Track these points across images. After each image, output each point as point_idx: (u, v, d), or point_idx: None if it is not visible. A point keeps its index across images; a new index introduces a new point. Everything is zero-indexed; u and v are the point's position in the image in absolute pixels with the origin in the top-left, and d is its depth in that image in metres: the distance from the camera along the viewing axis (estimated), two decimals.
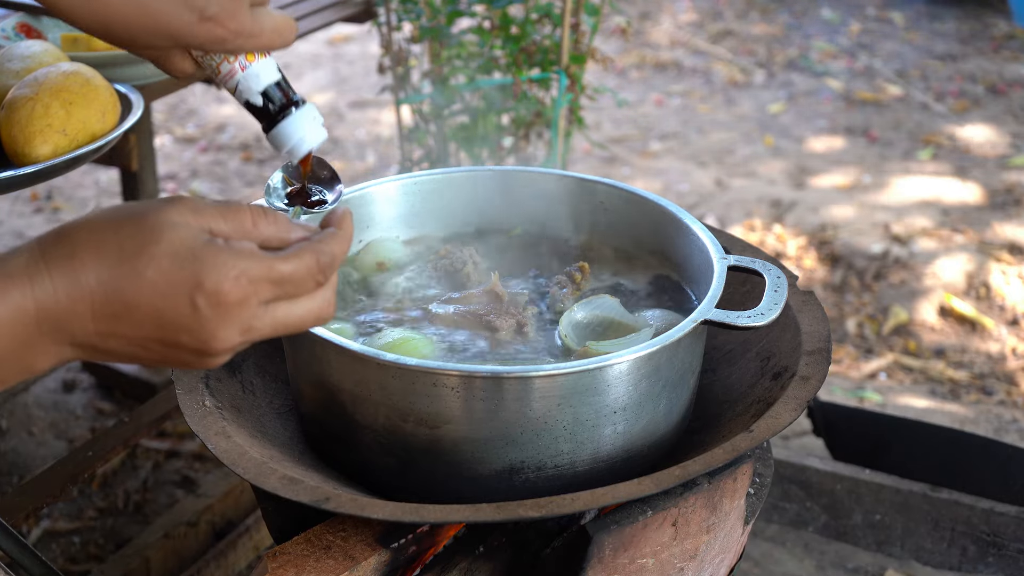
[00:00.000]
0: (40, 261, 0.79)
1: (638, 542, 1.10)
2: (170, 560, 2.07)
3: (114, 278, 0.79)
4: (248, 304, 0.82)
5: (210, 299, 0.80)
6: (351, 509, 1.03)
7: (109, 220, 0.82)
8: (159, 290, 0.80)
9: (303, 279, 0.85)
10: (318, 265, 0.85)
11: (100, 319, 0.80)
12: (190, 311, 0.80)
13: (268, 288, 0.83)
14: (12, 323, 0.78)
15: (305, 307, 0.86)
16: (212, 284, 0.80)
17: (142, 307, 0.80)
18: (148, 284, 0.80)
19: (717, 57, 5.24)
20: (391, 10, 2.36)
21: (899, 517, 2.10)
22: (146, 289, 0.80)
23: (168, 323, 0.81)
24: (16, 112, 1.44)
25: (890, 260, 3.29)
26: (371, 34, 2.54)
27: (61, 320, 0.79)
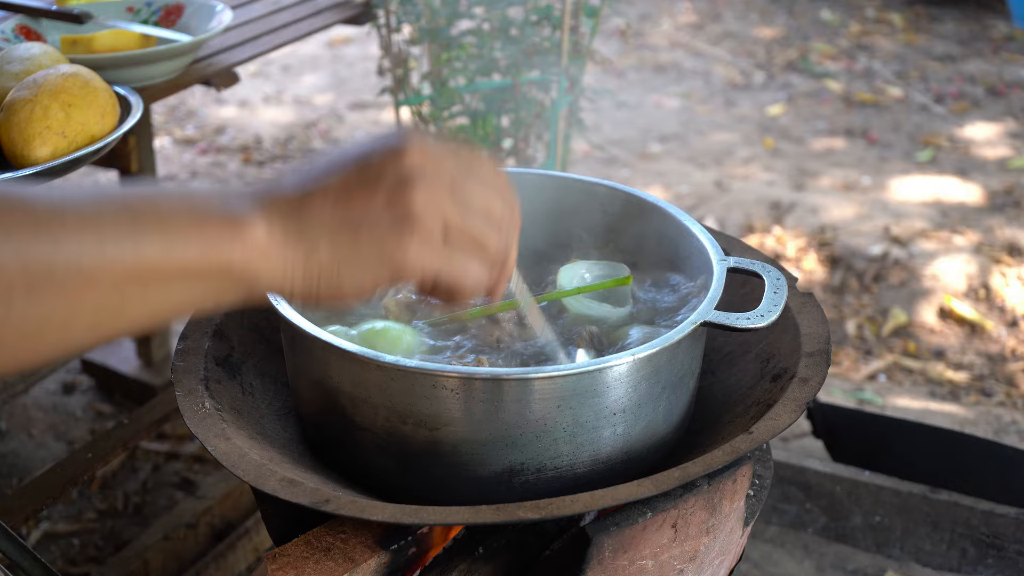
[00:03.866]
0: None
1: (638, 544, 1.10)
2: (170, 562, 2.07)
3: None
4: (445, 166, 0.84)
5: (407, 149, 0.83)
6: (351, 511, 1.03)
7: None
8: (368, 148, 0.84)
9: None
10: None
11: (303, 180, 0.83)
12: (380, 158, 0.83)
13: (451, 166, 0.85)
14: None
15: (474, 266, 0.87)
16: (413, 146, 0.83)
17: (345, 156, 0.83)
18: (356, 150, 0.84)
19: (716, 59, 5.24)
20: (390, 12, 2.36)
21: (899, 519, 2.10)
22: (350, 150, 0.84)
23: (376, 167, 0.82)
24: (15, 114, 1.44)
25: (890, 262, 3.29)
26: (370, 36, 2.54)
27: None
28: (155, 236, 0.74)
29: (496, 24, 2.33)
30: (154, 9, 2.05)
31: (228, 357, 1.31)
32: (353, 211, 0.81)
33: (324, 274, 0.81)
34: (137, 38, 1.89)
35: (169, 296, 0.75)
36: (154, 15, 2.05)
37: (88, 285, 0.70)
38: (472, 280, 0.87)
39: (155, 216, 0.74)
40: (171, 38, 1.87)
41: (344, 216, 0.81)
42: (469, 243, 0.85)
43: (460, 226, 0.84)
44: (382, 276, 0.83)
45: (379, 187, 0.81)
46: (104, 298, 0.72)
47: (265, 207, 0.79)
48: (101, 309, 0.72)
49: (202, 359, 1.27)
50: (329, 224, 0.81)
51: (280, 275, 0.80)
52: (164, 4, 2.05)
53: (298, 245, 0.80)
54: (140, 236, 0.73)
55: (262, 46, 2.15)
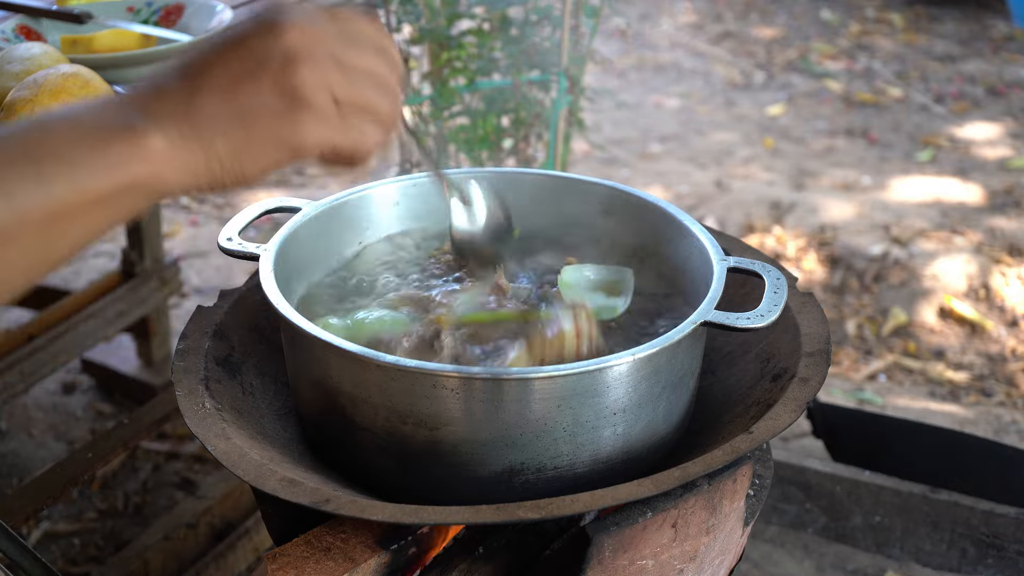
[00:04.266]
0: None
1: (638, 543, 1.10)
2: (170, 562, 2.07)
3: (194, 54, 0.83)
4: (325, 39, 0.83)
5: (288, 25, 0.82)
6: (351, 511, 1.03)
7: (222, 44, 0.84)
8: (241, 30, 0.83)
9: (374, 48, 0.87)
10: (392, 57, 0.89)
11: (182, 76, 0.82)
12: (257, 21, 0.83)
13: (339, 43, 0.85)
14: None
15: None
16: (288, 17, 0.83)
17: (224, 42, 0.83)
18: (229, 33, 0.83)
19: (716, 59, 5.24)
20: (391, 12, 2.36)
21: (899, 519, 2.10)
22: (227, 34, 0.83)
23: (255, 50, 0.82)
24: (15, 114, 1.44)
25: (890, 261, 3.29)
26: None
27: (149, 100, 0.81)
28: (59, 174, 0.75)
29: (496, 24, 2.33)
30: (154, 9, 2.05)
31: (228, 357, 1.31)
32: (241, 99, 0.82)
33: (225, 165, 0.83)
34: (137, 38, 1.88)
35: (87, 224, 0.78)
36: (154, 15, 2.04)
37: (9, 241, 0.73)
38: (369, 144, 0.88)
39: (54, 152, 0.76)
40: (171, 38, 1.87)
41: (234, 106, 0.82)
42: (360, 109, 0.86)
43: (349, 95, 0.85)
44: (282, 157, 0.84)
45: (263, 71, 0.82)
46: (28, 247, 0.74)
47: (154, 112, 0.80)
48: (27, 257, 0.75)
49: (202, 359, 1.27)
50: (220, 117, 0.81)
51: (184, 175, 0.81)
52: (164, 4, 2.05)
53: (195, 144, 0.81)
54: (45, 178, 0.74)
55: None
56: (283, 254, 1.28)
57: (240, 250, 1.30)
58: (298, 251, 1.34)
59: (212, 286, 3.23)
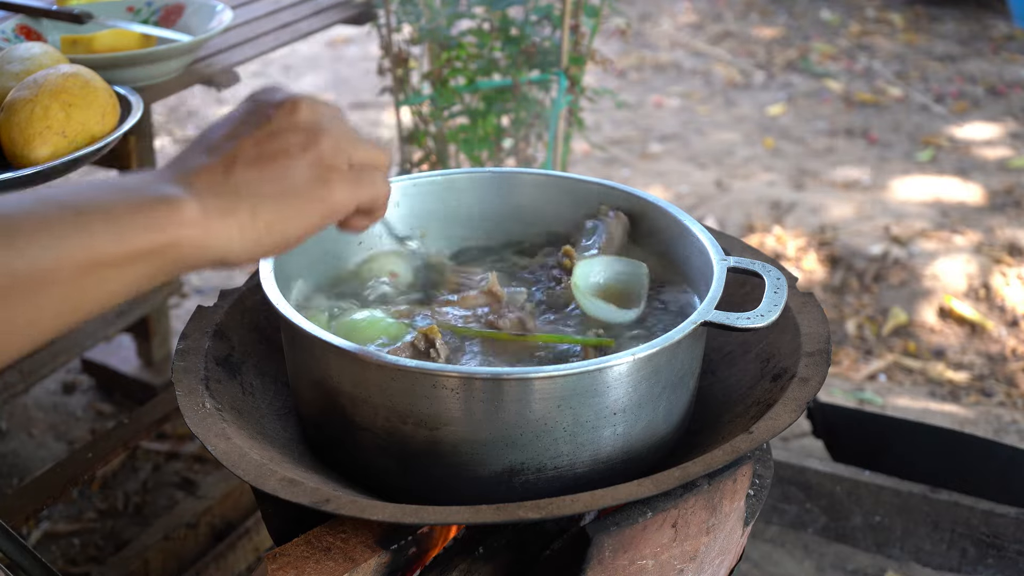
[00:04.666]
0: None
1: (638, 543, 1.10)
2: (170, 562, 2.07)
3: None
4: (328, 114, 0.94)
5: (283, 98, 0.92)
6: (351, 511, 1.03)
7: None
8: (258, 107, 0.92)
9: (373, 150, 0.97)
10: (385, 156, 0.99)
11: (212, 151, 0.88)
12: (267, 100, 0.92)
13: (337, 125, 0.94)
14: None
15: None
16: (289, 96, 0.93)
17: (245, 121, 0.90)
18: (248, 110, 0.92)
19: (717, 58, 5.24)
20: (391, 12, 2.36)
21: (899, 518, 2.10)
22: (245, 115, 0.91)
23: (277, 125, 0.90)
24: (15, 114, 1.44)
25: (890, 261, 3.29)
26: (371, 36, 2.54)
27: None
28: (101, 227, 0.78)
29: (496, 24, 2.33)
30: (154, 9, 2.05)
31: (228, 357, 1.31)
32: (275, 170, 0.88)
33: (267, 234, 0.88)
34: (137, 38, 1.89)
35: (123, 278, 0.81)
36: (154, 15, 2.05)
37: (48, 284, 0.76)
38: (383, 192, 0.99)
39: (96, 208, 0.79)
40: (171, 38, 1.87)
41: (269, 177, 0.88)
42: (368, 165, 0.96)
43: (357, 155, 0.95)
44: (318, 219, 0.91)
45: (291, 144, 0.90)
46: (65, 292, 0.77)
47: (192, 185, 0.85)
48: (63, 302, 0.78)
49: (202, 359, 1.27)
50: (257, 188, 0.87)
51: (224, 242, 0.85)
52: (164, 4, 2.05)
53: (233, 213, 0.86)
54: (88, 229, 0.78)
55: (263, 46, 2.15)
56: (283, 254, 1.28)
57: None
58: (298, 251, 1.33)
59: (212, 286, 3.24)
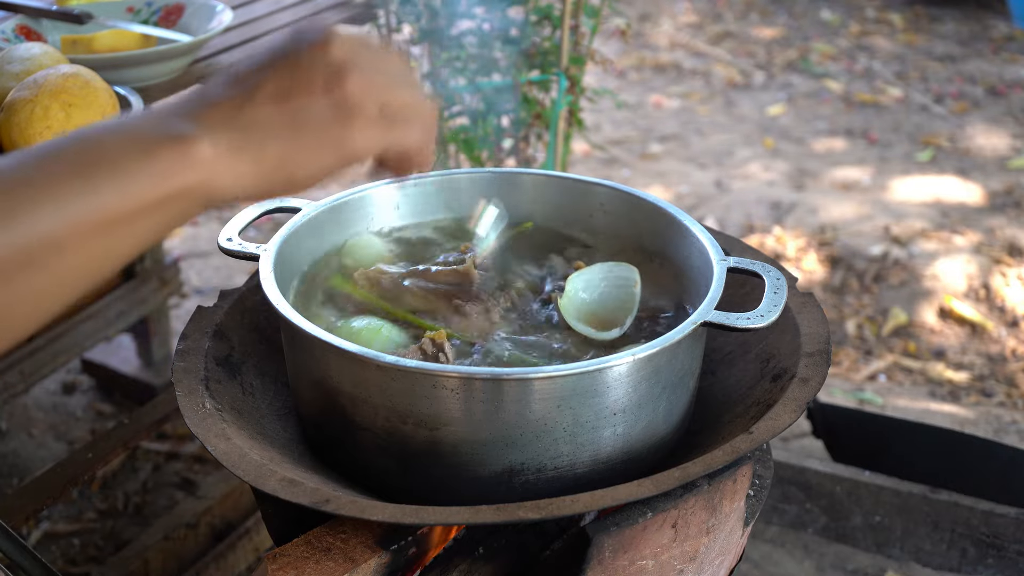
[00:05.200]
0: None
1: (638, 544, 1.10)
2: (170, 562, 2.07)
3: None
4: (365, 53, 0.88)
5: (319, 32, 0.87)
6: (351, 511, 1.03)
7: None
8: (288, 44, 0.87)
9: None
10: None
11: (231, 86, 0.84)
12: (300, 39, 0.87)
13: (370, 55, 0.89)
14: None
15: None
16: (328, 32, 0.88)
17: (272, 57, 0.86)
18: (276, 47, 0.87)
19: (717, 59, 5.24)
20: (391, 12, 2.36)
21: (899, 519, 2.10)
22: (274, 50, 0.87)
23: (303, 61, 0.86)
24: (16, 114, 1.44)
25: (890, 262, 3.29)
26: (371, 36, 2.53)
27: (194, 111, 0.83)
28: (109, 183, 0.77)
29: (496, 24, 2.33)
30: (154, 9, 2.05)
31: (228, 357, 1.31)
32: (293, 108, 0.85)
33: (276, 172, 0.85)
34: (137, 38, 1.89)
35: (138, 232, 0.79)
36: (154, 15, 2.04)
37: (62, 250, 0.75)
38: (415, 144, 0.93)
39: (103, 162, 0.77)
40: (171, 38, 1.87)
41: (285, 114, 0.84)
42: (405, 113, 0.91)
43: (394, 100, 0.89)
44: (333, 162, 0.87)
45: (313, 81, 0.85)
46: (80, 255, 0.76)
47: (203, 120, 0.82)
48: (79, 265, 0.77)
49: (202, 359, 1.27)
50: (271, 123, 0.84)
51: (234, 182, 0.83)
52: (164, 4, 2.05)
53: (244, 150, 0.83)
54: (95, 187, 0.76)
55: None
56: (283, 254, 1.29)
57: (240, 250, 1.30)
58: (298, 251, 1.34)
59: (212, 286, 3.24)
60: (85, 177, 0.76)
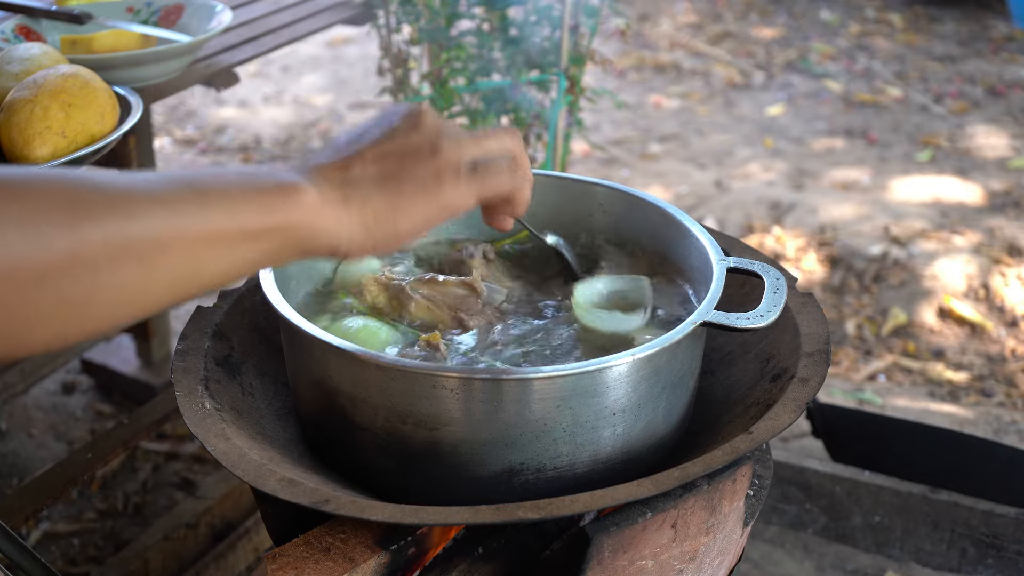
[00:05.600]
0: None
1: (637, 544, 1.10)
2: (169, 562, 2.07)
3: None
4: (458, 129, 0.99)
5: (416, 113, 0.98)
6: (351, 511, 1.03)
7: None
8: (389, 116, 0.98)
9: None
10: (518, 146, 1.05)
11: (341, 148, 0.94)
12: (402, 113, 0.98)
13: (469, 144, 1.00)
14: None
15: None
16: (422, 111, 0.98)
17: (374, 132, 0.96)
18: (379, 119, 0.98)
19: (716, 59, 5.24)
20: (390, 12, 2.36)
21: (898, 519, 2.10)
22: (377, 120, 0.98)
23: (403, 128, 0.96)
24: (15, 114, 1.44)
25: (889, 262, 3.29)
26: (370, 36, 2.54)
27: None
28: (218, 205, 0.83)
29: (496, 24, 2.33)
30: (154, 9, 2.05)
31: (228, 357, 1.31)
32: (394, 167, 0.93)
33: (378, 223, 0.92)
34: (137, 38, 1.89)
35: (235, 256, 0.84)
36: (154, 15, 2.05)
37: (162, 252, 0.79)
38: (508, 188, 1.03)
39: (216, 189, 0.84)
40: (171, 38, 1.87)
41: (388, 173, 0.93)
42: (495, 164, 1.01)
43: (482, 152, 1.00)
44: (433, 215, 0.95)
45: (412, 145, 0.95)
46: (177, 262, 0.80)
47: (311, 174, 0.90)
48: (175, 272, 0.81)
49: (202, 359, 1.27)
50: (374, 180, 0.92)
51: (335, 228, 0.89)
52: (164, 4, 2.05)
53: (349, 201, 0.91)
54: (205, 206, 0.82)
55: (262, 46, 2.15)
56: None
57: None
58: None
59: None
60: (199, 196, 0.82)
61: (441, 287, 1.32)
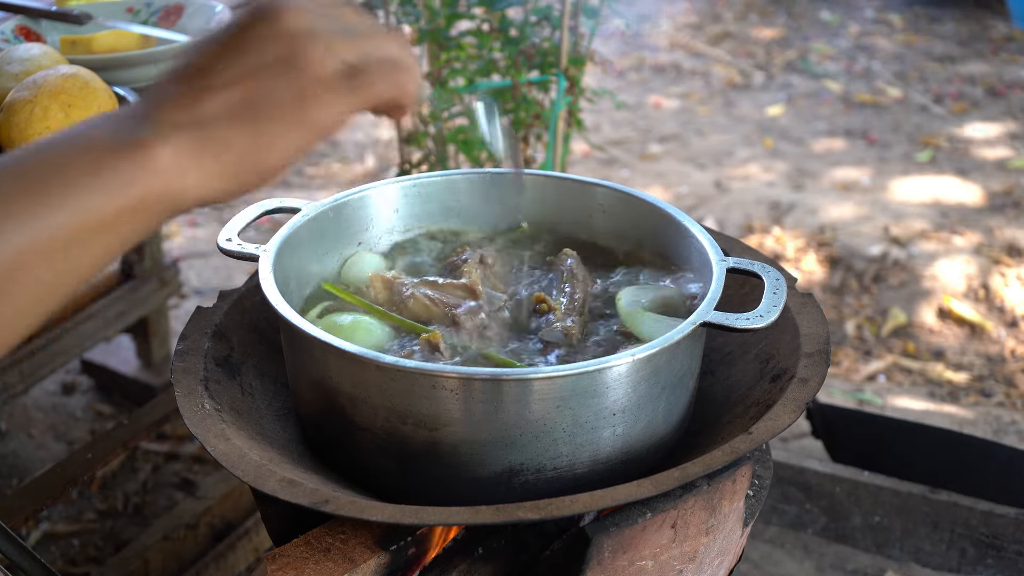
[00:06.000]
0: None
1: (637, 544, 1.10)
2: (169, 562, 2.07)
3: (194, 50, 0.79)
4: (322, 15, 0.82)
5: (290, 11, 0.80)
6: (350, 511, 1.03)
7: None
8: (237, 22, 0.80)
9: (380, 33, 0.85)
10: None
11: (184, 79, 0.78)
12: (274, 21, 0.80)
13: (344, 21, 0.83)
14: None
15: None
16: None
17: (222, 37, 0.79)
18: (225, 28, 0.80)
19: (716, 59, 5.24)
20: (390, 12, 2.36)
21: (898, 519, 2.10)
22: (224, 28, 0.80)
23: (254, 39, 0.79)
24: (15, 115, 1.44)
25: (889, 262, 3.29)
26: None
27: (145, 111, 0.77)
28: (65, 200, 0.72)
29: (495, 25, 2.33)
30: (154, 10, 2.05)
31: (228, 357, 1.31)
32: (250, 90, 0.78)
33: (242, 165, 0.79)
34: (137, 39, 1.89)
35: (99, 248, 0.75)
36: (154, 16, 2.05)
37: (17, 274, 0.70)
38: (396, 89, 0.86)
39: (57, 178, 0.72)
40: (171, 39, 1.87)
41: (243, 99, 0.78)
42: (372, 67, 0.84)
43: (359, 54, 0.83)
44: (303, 143, 0.81)
45: (268, 57, 0.79)
46: (38, 277, 0.71)
47: (160, 122, 0.77)
48: (39, 287, 0.72)
49: (202, 359, 1.27)
50: (230, 114, 0.78)
51: (199, 183, 0.78)
52: (164, 5, 2.05)
53: (206, 148, 0.77)
54: (50, 206, 0.71)
55: None
56: (283, 255, 1.29)
57: (239, 251, 1.30)
58: (298, 252, 1.34)
59: (212, 287, 3.23)
60: (40, 196, 0.71)
61: (441, 288, 1.32)
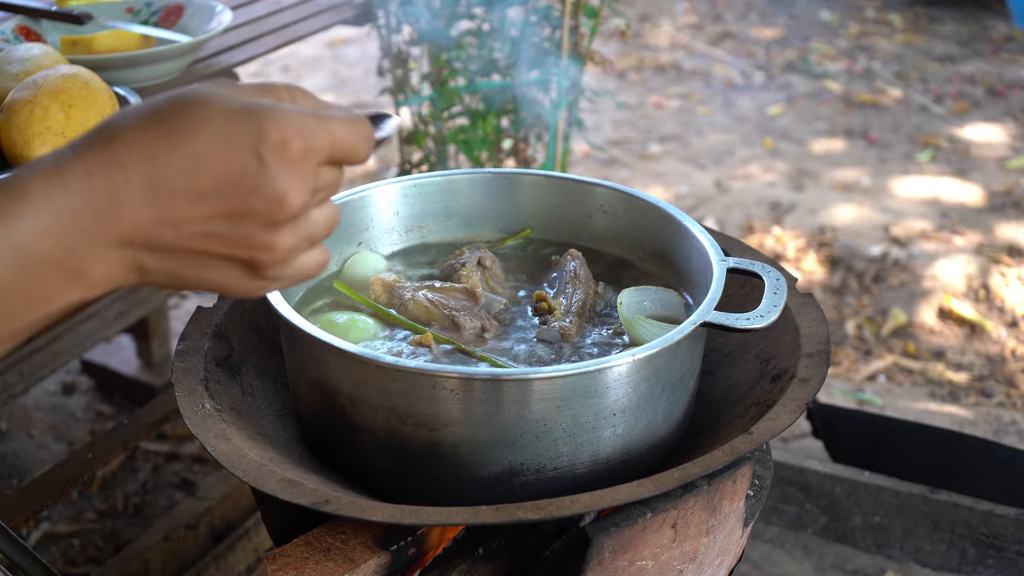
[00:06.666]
0: (69, 154, 0.72)
1: (637, 544, 1.10)
2: (169, 562, 2.07)
3: (165, 150, 0.71)
4: (311, 158, 0.75)
5: (275, 150, 0.73)
6: (351, 511, 1.03)
7: (145, 104, 0.74)
8: (217, 150, 0.72)
9: (356, 142, 0.80)
10: (368, 130, 0.81)
11: (153, 201, 0.72)
12: (256, 165, 0.73)
13: (326, 144, 0.77)
14: (44, 227, 0.70)
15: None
16: (276, 135, 0.73)
17: (202, 175, 0.72)
18: (205, 146, 0.72)
19: (716, 59, 5.24)
20: (390, 12, 2.36)
21: (898, 519, 2.10)
22: (204, 152, 0.72)
23: (233, 186, 0.73)
24: (15, 115, 1.44)
25: (889, 262, 3.29)
26: (370, 36, 2.54)
27: (103, 210, 0.71)
28: None
29: (496, 24, 2.33)
30: (154, 10, 2.05)
31: (228, 357, 1.31)
32: (216, 250, 0.76)
33: (167, 283, 0.78)
34: (137, 39, 1.89)
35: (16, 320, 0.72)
36: (154, 16, 2.04)
37: None
38: (314, 270, 0.83)
39: None
40: (171, 39, 1.87)
41: (206, 253, 0.76)
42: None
43: (319, 233, 0.81)
44: (225, 293, 0.80)
45: (240, 234, 0.76)
46: None
47: (121, 243, 0.73)
48: None
49: (202, 359, 1.27)
50: (185, 259, 0.76)
51: (113, 285, 0.76)
52: (164, 5, 2.05)
53: (145, 270, 0.76)
54: None
55: (262, 47, 2.15)
56: None
57: None
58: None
59: None
60: None
61: (442, 291, 1.32)
